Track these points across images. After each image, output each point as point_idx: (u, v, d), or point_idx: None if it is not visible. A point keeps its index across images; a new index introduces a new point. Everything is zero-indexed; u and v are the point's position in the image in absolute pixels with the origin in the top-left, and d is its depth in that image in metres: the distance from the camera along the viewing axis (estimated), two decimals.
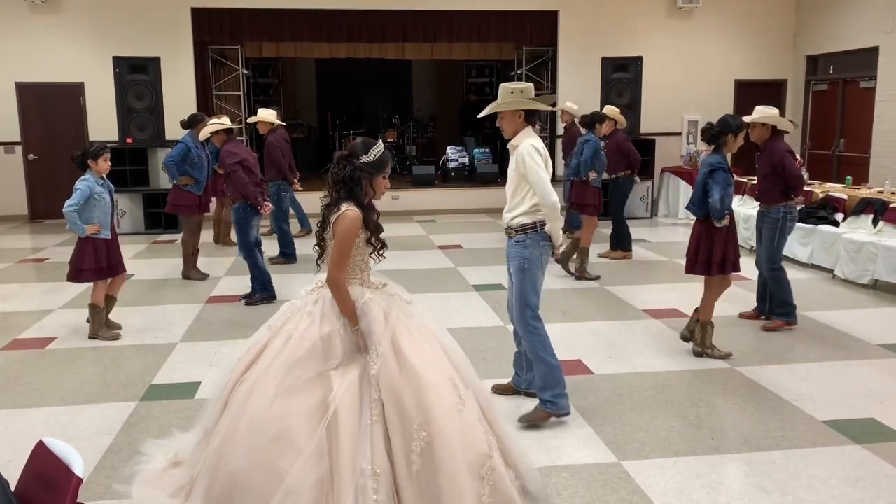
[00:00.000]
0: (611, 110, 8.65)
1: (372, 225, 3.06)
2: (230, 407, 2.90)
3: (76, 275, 5.74)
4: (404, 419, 2.74)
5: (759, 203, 6.15)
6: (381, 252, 3.12)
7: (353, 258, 3.03)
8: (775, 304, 6.04)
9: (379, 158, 3.07)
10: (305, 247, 8.82)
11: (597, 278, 7.67)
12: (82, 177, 5.65)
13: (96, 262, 5.68)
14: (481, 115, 4.41)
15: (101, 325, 5.84)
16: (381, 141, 3.18)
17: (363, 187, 3.05)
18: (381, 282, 3.16)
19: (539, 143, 4.11)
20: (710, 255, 5.18)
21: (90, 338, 5.81)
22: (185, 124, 8.06)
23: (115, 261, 5.82)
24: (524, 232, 4.08)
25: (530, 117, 4.12)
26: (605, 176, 8.19)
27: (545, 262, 4.17)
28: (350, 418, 2.73)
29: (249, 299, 6.87)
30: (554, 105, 4.24)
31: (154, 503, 3.07)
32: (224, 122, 6.95)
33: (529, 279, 4.11)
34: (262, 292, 6.85)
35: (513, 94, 4.06)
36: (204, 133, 6.99)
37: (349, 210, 2.98)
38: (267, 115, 8.28)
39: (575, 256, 7.84)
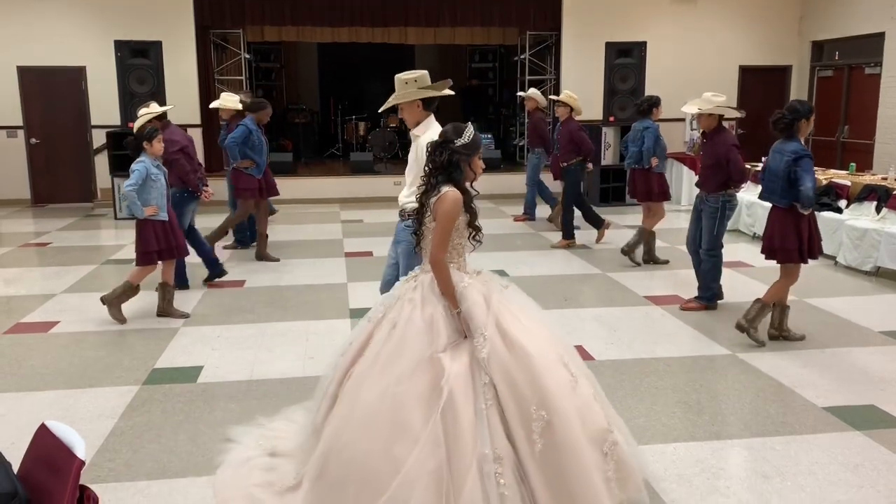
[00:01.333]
0: (568, 97, 8.55)
1: (471, 208, 3.10)
2: (341, 401, 2.91)
3: (146, 258, 5.79)
4: (520, 400, 2.74)
5: (699, 189, 6.17)
6: (477, 237, 3.16)
7: (452, 241, 3.05)
8: (701, 287, 6.10)
9: (473, 139, 3.11)
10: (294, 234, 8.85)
11: (666, 262, 7.64)
12: (138, 159, 5.66)
13: (159, 244, 5.74)
14: (381, 109, 4.47)
15: (170, 302, 5.92)
16: (469, 123, 3.20)
17: (462, 170, 3.08)
18: (476, 270, 3.17)
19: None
20: (800, 242, 5.07)
21: (159, 315, 5.91)
22: (248, 107, 7.95)
23: (177, 242, 5.89)
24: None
25: (429, 105, 4.20)
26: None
27: None
28: (466, 404, 2.72)
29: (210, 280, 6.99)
30: (451, 88, 4.31)
31: (239, 488, 3.08)
32: (153, 109, 6.61)
33: (417, 262, 4.22)
34: (214, 268, 6.97)
35: (407, 85, 4.13)
36: (137, 124, 6.55)
37: (450, 191, 3.02)
38: (229, 100, 8.20)
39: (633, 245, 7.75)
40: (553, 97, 9.53)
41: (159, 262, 5.91)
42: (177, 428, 4.01)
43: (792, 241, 5.08)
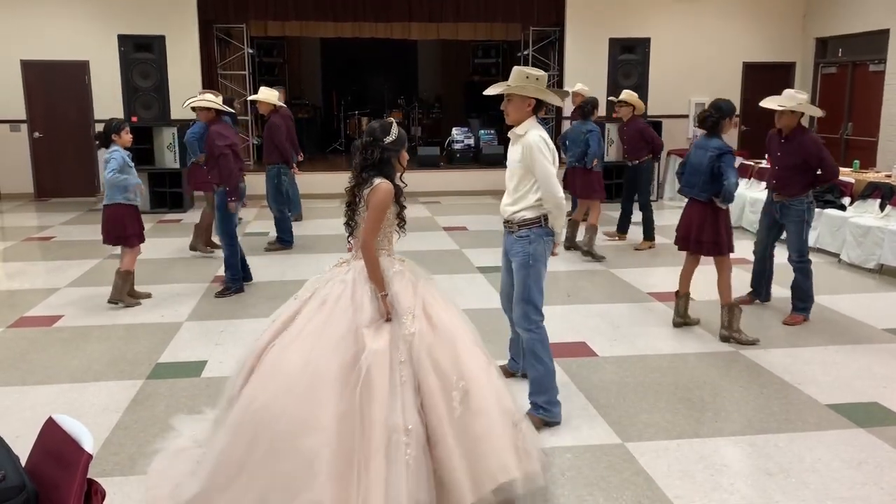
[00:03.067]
0: (629, 96, 8.54)
1: (400, 201, 3.29)
2: (260, 369, 2.99)
3: (126, 240, 5.98)
4: (442, 375, 2.92)
5: (776, 193, 5.76)
6: (403, 226, 3.35)
7: (383, 229, 3.22)
8: (797, 297, 5.80)
9: (399, 135, 3.27)
10: (297, 229, 8.84)
11: (602, 259, 7.68)
12: (111, 148, 5.78)
13: (137, 227, 5.96)
14: (488, 91, 4.15)
15: (132, 287, 6.09)
16: (392, 120, 3.38)
17: (393, 166, 3.27)
18: (400, 258, 3.31)
19: (546, 135, 3.93)
20: (718, 235, 5.24)
21: (110, 301, 6.00)
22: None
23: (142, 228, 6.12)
24: (528, 227, 3.92)
25: (538, 108, 3.94)
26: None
27: (548, 256, 4.03)
28: (381, 380, 2.85)
29: (222, 293, 6.44)
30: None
31: (168, 477, 3.11)
32: (219, 101, 6.64)
33: (534, 276, 3.95)
34: (233, 284, 6.48)
35: (527, 80, 3.84)
36: (196, 102, 6.52)
37: (383, 182, 3.18)
38: (268, 95, 8.10)
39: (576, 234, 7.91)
40: (612, 98, 9.62)
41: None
42: None
43: (708, 234, 5.27)
